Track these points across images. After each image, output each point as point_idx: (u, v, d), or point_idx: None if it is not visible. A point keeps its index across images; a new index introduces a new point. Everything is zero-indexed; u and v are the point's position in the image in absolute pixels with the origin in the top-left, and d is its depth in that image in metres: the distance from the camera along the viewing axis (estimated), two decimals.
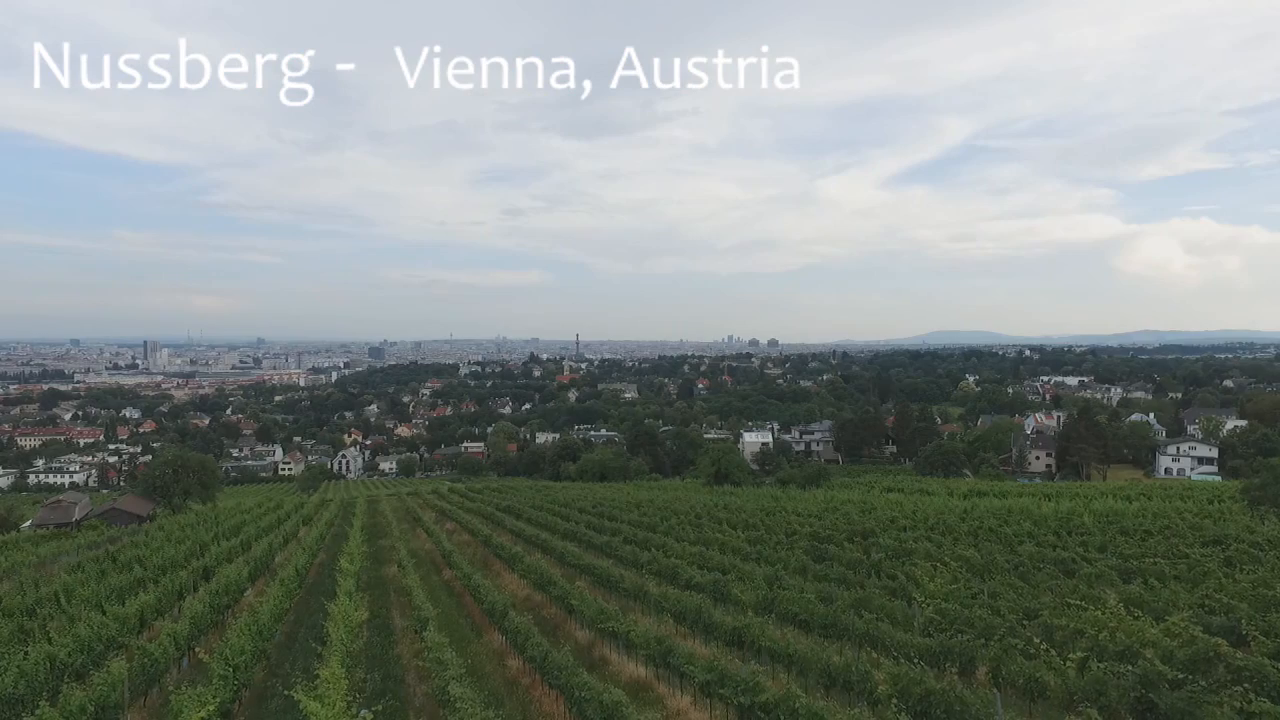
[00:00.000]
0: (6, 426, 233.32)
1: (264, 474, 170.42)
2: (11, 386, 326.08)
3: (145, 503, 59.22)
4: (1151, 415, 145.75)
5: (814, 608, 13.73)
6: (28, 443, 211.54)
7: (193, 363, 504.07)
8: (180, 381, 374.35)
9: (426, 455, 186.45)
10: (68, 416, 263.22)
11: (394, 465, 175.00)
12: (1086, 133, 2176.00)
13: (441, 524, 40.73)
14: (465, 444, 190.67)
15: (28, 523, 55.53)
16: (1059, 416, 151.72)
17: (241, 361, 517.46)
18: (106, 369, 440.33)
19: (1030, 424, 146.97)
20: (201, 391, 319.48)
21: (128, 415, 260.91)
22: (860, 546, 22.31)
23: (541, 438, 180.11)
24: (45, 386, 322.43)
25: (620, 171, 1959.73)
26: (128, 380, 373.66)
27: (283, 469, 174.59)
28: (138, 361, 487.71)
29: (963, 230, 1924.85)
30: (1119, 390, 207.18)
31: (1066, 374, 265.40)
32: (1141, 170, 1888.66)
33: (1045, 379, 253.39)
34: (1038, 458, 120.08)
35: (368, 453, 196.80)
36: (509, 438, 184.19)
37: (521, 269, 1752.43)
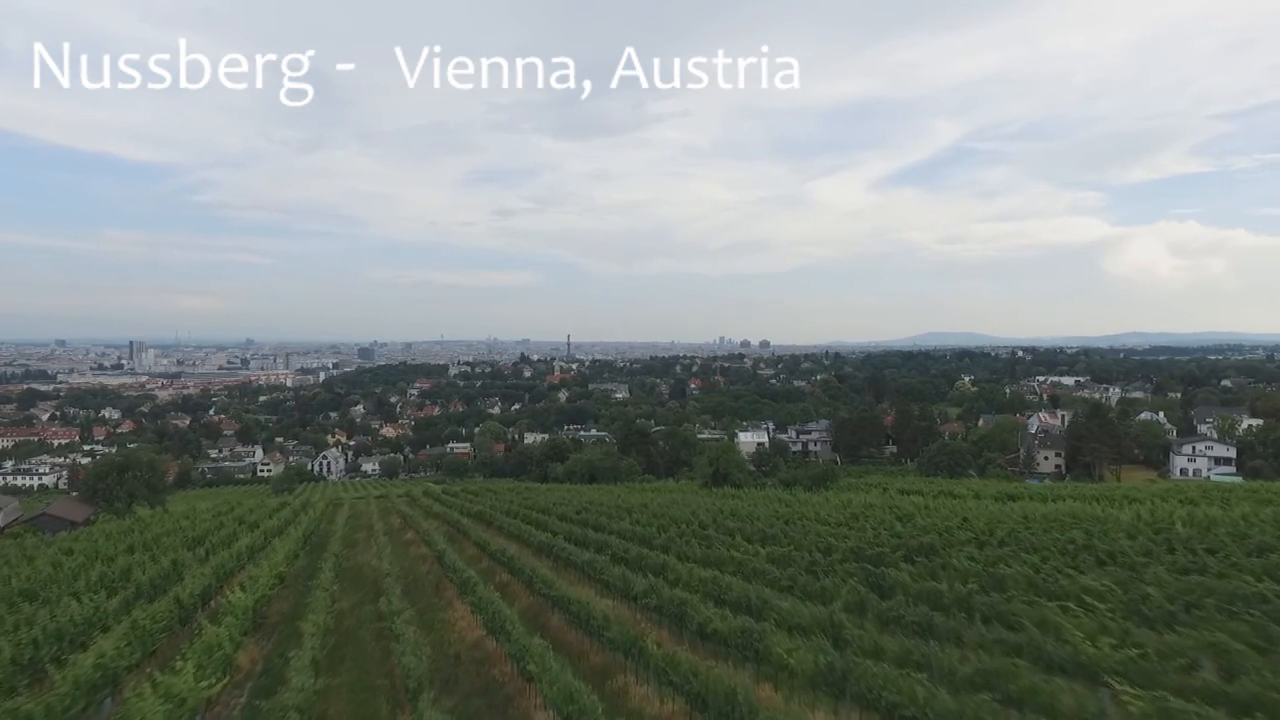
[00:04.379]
0: None
1: (241, 475, 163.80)
2: None
3: (83, 507, 53.39)
4: (1161, 414, 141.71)
5: (931, 699, 8.11)
6: None
7: (180, 363, 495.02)
8: (165, 382, 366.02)
9: (411, 456, 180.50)
10: (45, 417, 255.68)
11: (377, 466, 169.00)
12: (1074, 135, 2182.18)
13: (402, 533, 35.12)
14: (451, 444, 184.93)
15: None
16: (1063, 416, 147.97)
17: (229, 362, 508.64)
18: (91, 369, 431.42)
19: (1034, 423, 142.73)
20: (186, 392, 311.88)
21: (107, 415, 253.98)
22: (926, 569, 16.82)
23: (530, 438, 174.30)
24: (25, 386, 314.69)
25: (611, 173, 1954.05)
26: (112, 381, 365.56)
27: (261, 470, 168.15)
28: (123, 362, 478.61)
29: (952, 232, 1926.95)
30: (1117, 390, 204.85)
31: (1061, 374, 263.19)
32: (1128, 173, 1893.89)
33: (1041, 379, 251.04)
34: (1046, 458, 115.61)
35: (350, 453, 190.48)
36: (496, 438, 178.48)
37: (512, 270, 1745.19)
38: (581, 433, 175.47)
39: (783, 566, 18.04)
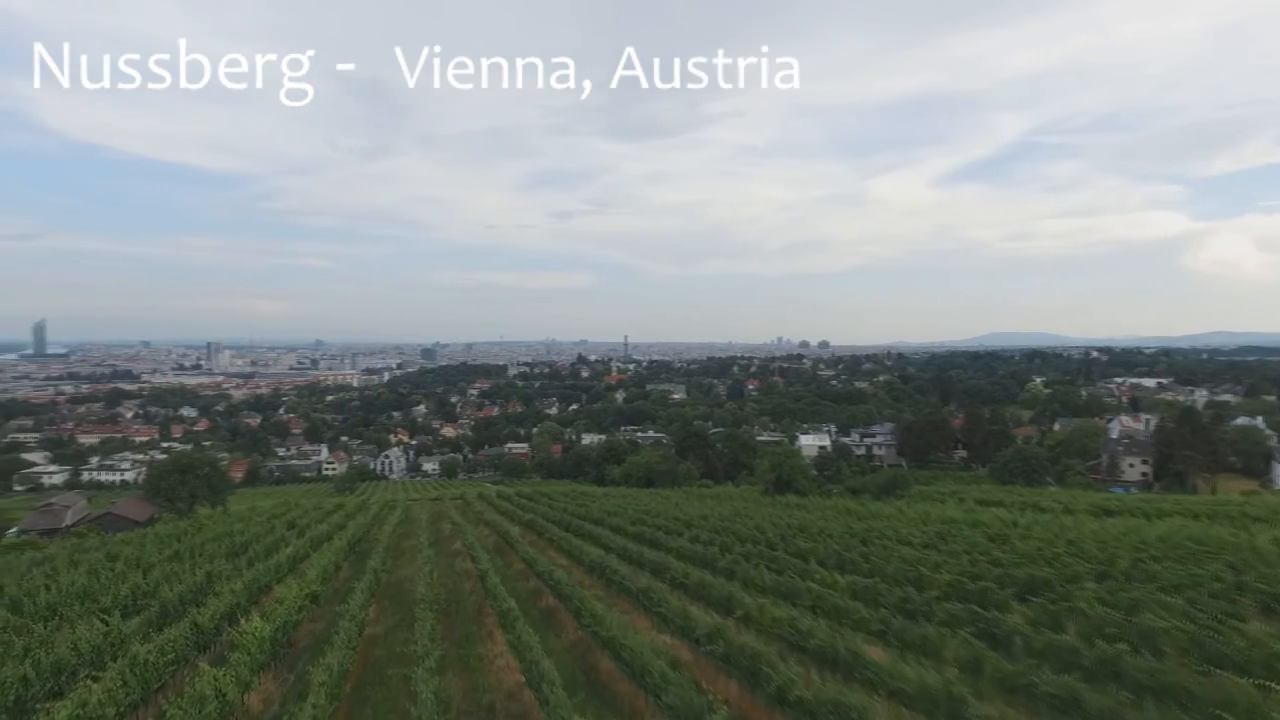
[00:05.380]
0: (70, 424, 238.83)
1: (307, 474, 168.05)
2: (83, 386, 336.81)
3: (146, 506, 54.11)
4: (1260, 419, 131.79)
5: None
6: (87, 440, 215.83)
7: (253, 364, 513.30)
8: (239, 382, 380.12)
9: (470, 456, 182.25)
10: (129, 415, 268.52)
11: (437, 466, 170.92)
12: (1149, 127, 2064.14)
13: (450, 543, 33.66)
14: (509, 445, 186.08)
15: (14, 529, 51.04)
16: (1147, 420, 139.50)
17: (299, 362, 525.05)
18: (172, 369, 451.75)
19: (1115, 428, 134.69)
20: (258, 391, 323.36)
21: (185, 414, 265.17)
22: (1045, 612, 13.99)
23: (587, 439, 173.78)
24: (111, 386, 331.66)
25: (667, 174, 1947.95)
26: (190, 380, 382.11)
27: (326, 469, 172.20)
28: (201, 363, 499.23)
29: (1019, 229, 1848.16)
30: (1204, 392, 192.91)
31: (1140, 375, 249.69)
32: (1210, 165, 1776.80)
33: (1119, 380, 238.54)
34: (1131, 465, 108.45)
35: (411, 453, 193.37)
36: (554, 439, 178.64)
37: (570, 271, 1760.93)
38: (639, 434, 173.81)
39: (870, 604, 15.46)
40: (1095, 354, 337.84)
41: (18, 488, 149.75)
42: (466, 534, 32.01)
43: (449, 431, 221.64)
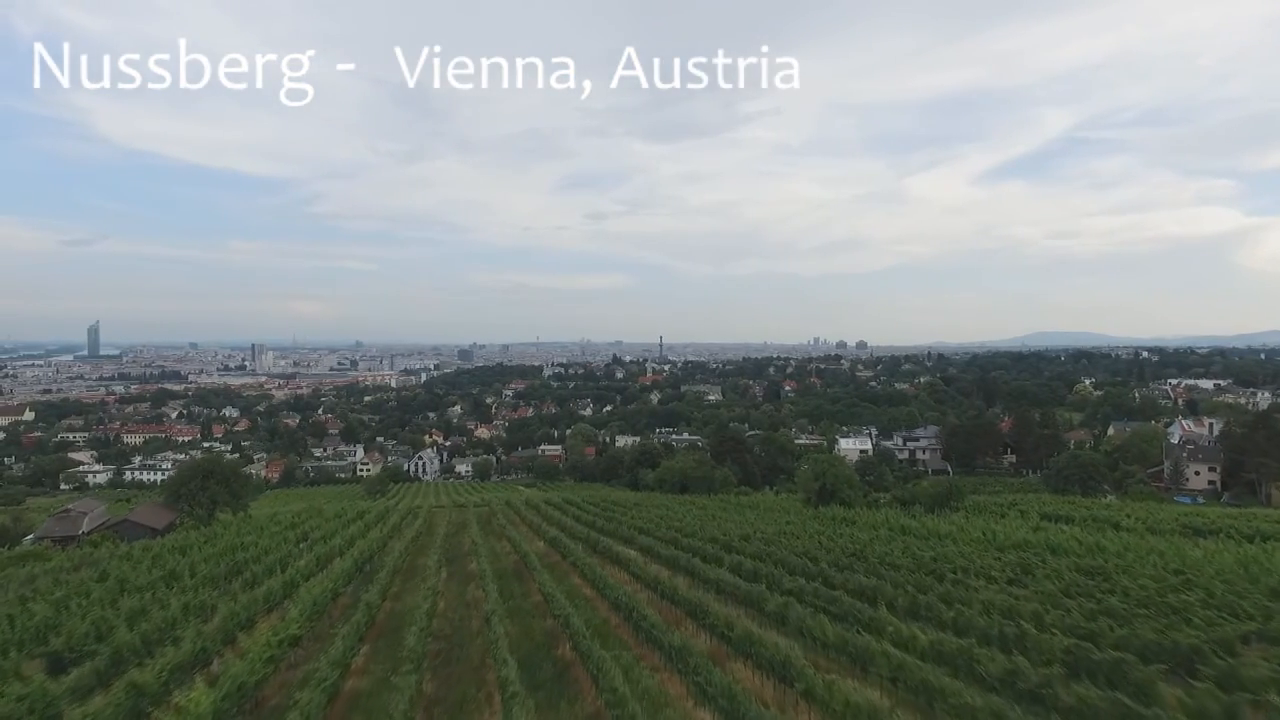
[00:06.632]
0: (116, 424, 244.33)
1: (342, 475, 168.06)
2: (132, 386, 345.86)
3: (165, 513, 52.55)
4: None
5: None
6: (131, 440, 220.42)
7: (295, 364, 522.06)
8: (281, 382, 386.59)
9: (503, 457, 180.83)
10: (174, 415, 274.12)
11: (470, 467, 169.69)
12: (1201, 120, 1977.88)
13: (465, 563, 30.86)
14: (543, 446, 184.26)
15: (30, 536, 49.88)
16: (1210, 424, 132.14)
17: (339, 364, 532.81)
18: (217, 370, 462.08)
19: (1176, 432, 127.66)
20: (299, 392, 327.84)
21: (227, 414, 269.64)
22: (1219, 704, 10.48)
23: (622, 440, 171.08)
24: (158, 386, 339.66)
25: (702, 174, 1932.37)
26: (235, 381, 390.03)
27: (361, 470, 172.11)
28: (246, 363, 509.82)
29: (1063, 227, 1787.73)
30: (1267, 394, 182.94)
31: (1195, 376, 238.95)
32: (1266, 159, 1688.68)
33: (1173, 382, 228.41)
34: (1197, 473, 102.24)
35: (445, 454, 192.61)
36: (587, 441, 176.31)
37: (605, 272, 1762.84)
38: (674, 436, 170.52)
39: (966, 677, 12.06)
40: (1145, 354, 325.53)
41: (64, 486, 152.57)
42: (482, 555, 29.15)
43: (483, 433, 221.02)
